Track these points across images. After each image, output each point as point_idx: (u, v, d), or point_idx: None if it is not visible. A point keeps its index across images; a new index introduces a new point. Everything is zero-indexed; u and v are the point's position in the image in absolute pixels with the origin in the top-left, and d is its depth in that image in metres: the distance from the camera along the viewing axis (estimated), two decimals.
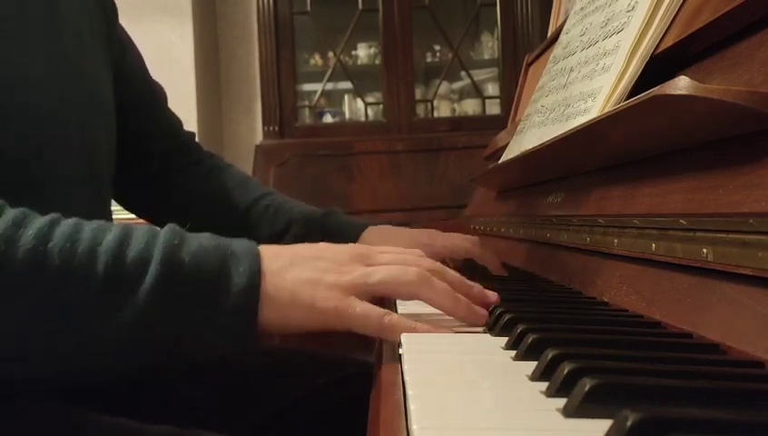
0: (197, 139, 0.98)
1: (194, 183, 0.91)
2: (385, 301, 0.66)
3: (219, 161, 0.97)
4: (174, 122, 0.94)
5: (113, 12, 0.81)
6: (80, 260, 0.44)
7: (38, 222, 0.46)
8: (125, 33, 0.85)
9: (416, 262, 0.52)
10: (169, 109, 0.93)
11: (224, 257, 0.47)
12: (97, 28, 0.74)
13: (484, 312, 0.52)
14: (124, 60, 0.82)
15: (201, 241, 0.48)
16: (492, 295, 0.55)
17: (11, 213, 0.46)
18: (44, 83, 0.61)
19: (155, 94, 0.90)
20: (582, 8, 0.83)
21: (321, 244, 0.53)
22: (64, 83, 0.63)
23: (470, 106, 2.76)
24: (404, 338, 0.47)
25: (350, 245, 0.54)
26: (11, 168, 0.50)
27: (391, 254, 0.53)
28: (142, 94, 0.87)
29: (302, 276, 0.48)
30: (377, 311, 0.48)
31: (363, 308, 0.48)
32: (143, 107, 0.87)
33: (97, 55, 0.72)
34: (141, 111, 0.86)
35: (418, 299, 0.51)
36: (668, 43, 0.57)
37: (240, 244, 0.49)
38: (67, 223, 0.47)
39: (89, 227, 0.47)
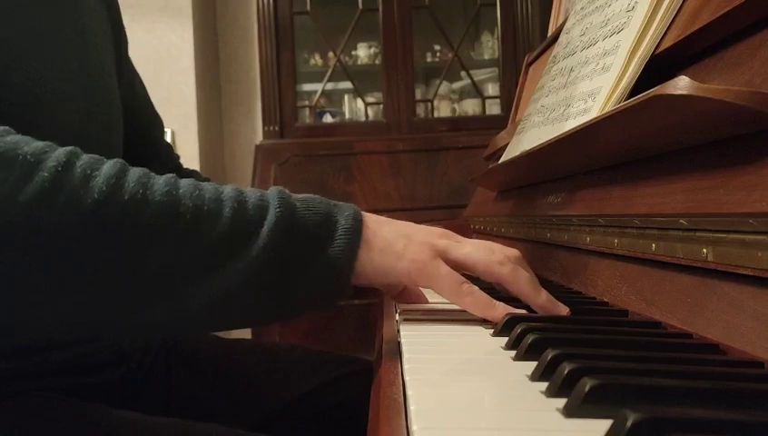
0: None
1: None
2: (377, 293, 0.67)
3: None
4: (169, 149, 0.96)
5: (125, 42, 0.83)
6: (209, 205, 0.47)
7: (162, 175, 0.48)
8: (131, 62, 0.87)
9: (500, 251, 0.56)
10: (164, 139, 0.95)
11: (329, 204, 0.51)
12: (113, 49, 0.76)
13: (564, 306, 0.54)
14: (133, 87, 0.85)
15: (305, 194, 0.52)
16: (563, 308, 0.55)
17: (135, 168, 0.48)
18: (74, 96, 0.63)
19: (155, 121, 0.92)
20: (582, 8, 0.83)
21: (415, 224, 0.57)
22: (89, 97, 0.65)
23: (470, 106, 2.76)
24: (404, 338, 0.47)
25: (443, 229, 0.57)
26: None
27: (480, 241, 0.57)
28: (144, 121, 0.89)
29: (398, 231, 0.53)
30: (458, 276, 0.52)
31: (447, 270, 0.52)
32: (143, 132, 0.88)
33: (113, 74, 0.75)
34: (139, 135, 0.86)
35: (498, 281, 0.55)
36: (668, 43, 0.56)
37: (343, 203, 0.53)
38: (184, 179, 0.49)
39: (201, 182, 0.50)
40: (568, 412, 0.30)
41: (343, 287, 0.50)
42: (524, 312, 0.53)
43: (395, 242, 0.51)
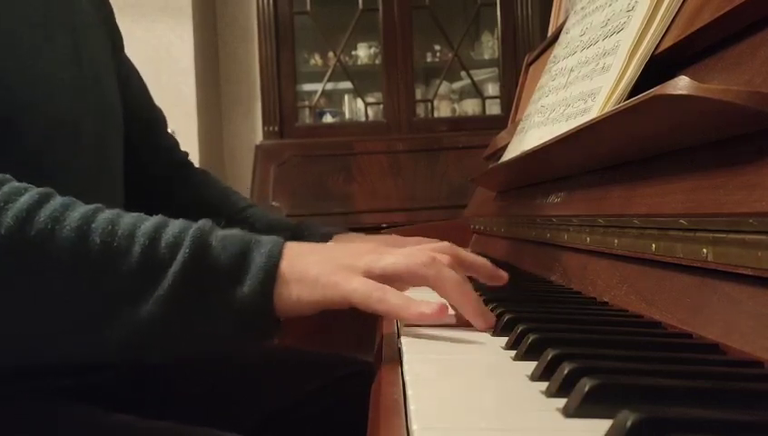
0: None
1: (180, 198, 0.92)
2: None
3: (205, 176, 0.97)
4: (172, 144, 0.94)
5: (119, 38, 0.83)
6: (119, 241, 0.47)
7: (84, 207, 0.49)
8: (129, 60, 0.87)
9: (430, 250, 0.53)
10: (167, 132, 0.94)
11: (248, 242, 0.49)
12: (107, 46, 0.77)
13: (492, 315, 0.51)
14: (129, 83, 0.84)
15: (232, 231, 0.51)
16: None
17: (59, 198, 0.48)
18: (68, 90, 0.63)
19: (157, 120, 0.91)
20: (582, 8, 0.83)
21: (347, 243, 0.55)
22: (82, 90, 0.66)
23: (470, 106, 2.76)
24: (404, 338, 0.47)
25: (374, 243, 0.55)
26: (28, 161, 0.53)
27: (411, 247, 0.55)
28: (144, 120, 0.88)
29: (317, 259, 0.50)
30: (371, 284, 0.48)
31: (360, 280, 0.48)
32: (142, 133, 0.87)
33: (109, 70, 0.75)
34: (139, 137, 0.85)
35: (427, 285, 0.50)
36: (668, 43, 0.56)
37: (268, 237, 0.51)
38: (110, 211, 0.49)
39: (130, 215, 0.49)
40: (568, 412, 0.30)
41: (265, 324, 0.48)
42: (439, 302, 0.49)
43: (309, 270, 0.49)
